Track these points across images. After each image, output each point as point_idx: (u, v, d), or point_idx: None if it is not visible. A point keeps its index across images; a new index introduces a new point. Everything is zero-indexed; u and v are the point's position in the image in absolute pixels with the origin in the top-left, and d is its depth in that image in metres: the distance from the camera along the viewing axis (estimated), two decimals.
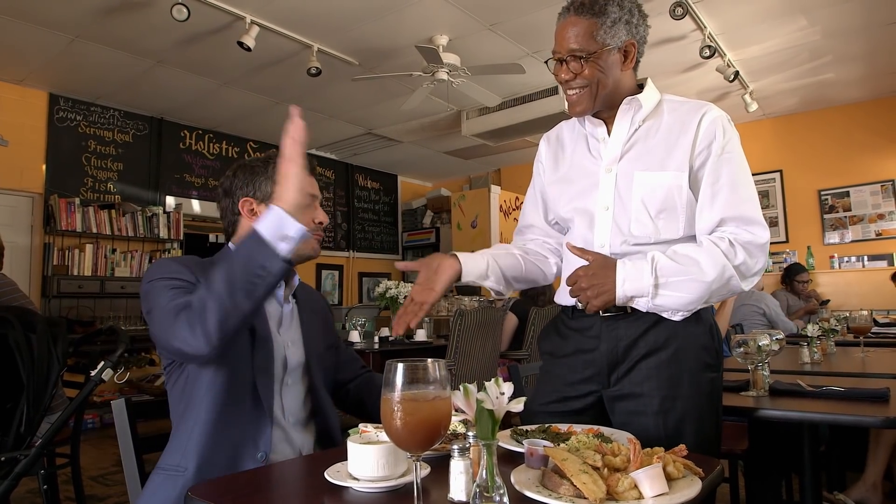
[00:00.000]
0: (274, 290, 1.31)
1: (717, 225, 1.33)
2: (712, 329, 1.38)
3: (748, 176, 1.37)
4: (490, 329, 4.14)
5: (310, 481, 1.03)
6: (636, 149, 1.39)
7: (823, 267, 6.15)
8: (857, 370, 2.29)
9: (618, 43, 1.34)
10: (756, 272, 1.31)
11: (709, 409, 1.33)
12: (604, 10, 1.32)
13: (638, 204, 1.36)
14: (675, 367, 1.31)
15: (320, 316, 1.54)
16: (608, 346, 1.36)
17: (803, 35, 4.68)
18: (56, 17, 4.18)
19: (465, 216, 7.79)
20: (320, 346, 1.47)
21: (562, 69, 1.37)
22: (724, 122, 1.37)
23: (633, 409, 1.32)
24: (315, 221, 1.41)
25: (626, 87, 1.41)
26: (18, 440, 2.05)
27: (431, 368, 0.79)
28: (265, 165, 1.41)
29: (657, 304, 1.29)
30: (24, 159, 5.36)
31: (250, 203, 1.40)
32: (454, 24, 4.37)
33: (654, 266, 1.28)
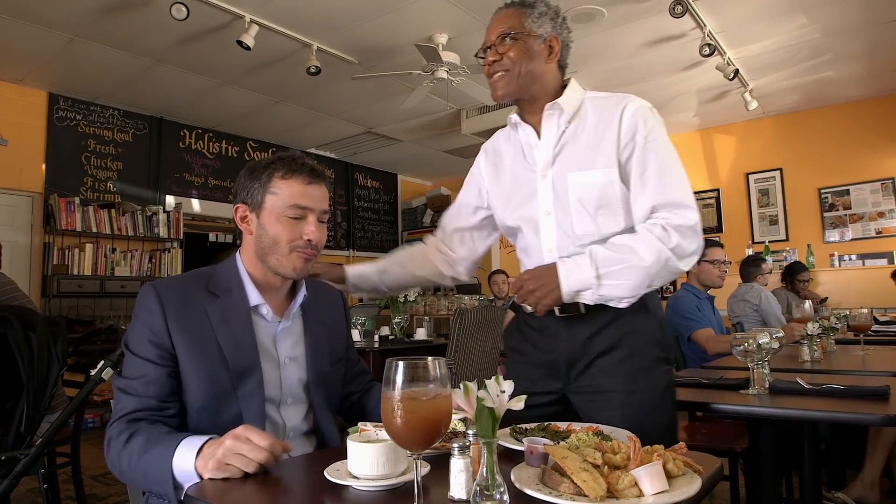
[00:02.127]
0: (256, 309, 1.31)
1: (651, 212, 1.37)
2: (662, 323, 1.44)
3: (675, 161, 1.41)
4: (490, 327, 4.14)
5: (309, 480, 1.03)
6: (566, 151, 1.45)
7: (823, 265, 6.15)
8: (857, 368, 2.29)
9: (544, 33, 1.44)
10: (691, 252, 1.37)
11: (666, 400, 1.40)
12: (532, 4, 1.44)
13: (576, 204, 1.41)
14: (631, 363, 1.38)
15: (329, 327, 1.44)
16: (566, 345, 1.42)
17: (803, 33, 4.68)
18: (55, 17, 4.18)
19: None
20: (325, 362, 1.38)
21: (490, 52, 1.45)
22: (645, 112, 1.41)
23: (597, 405, 1.38)
24: (303, 237, 1.29)
25: (549, 82, 1.47)
26: (18, 439, 2.06)
27: (431, 367, 0.79)
28: (261, 171, 1.31)
29: (602, 294, 1.35)
30: (24, 159, 5.36)
31: (243, 210, 1.33)
32: (454, 22, 4.37)
33: (594, 259, 1.34)
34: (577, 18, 4.31)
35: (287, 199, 1.28)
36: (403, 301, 4.50)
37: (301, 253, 1.30)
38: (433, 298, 6.88)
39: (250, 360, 1.25)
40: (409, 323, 5.12)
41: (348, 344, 1.52)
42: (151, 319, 1.22)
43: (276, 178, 1.29)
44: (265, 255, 1.30)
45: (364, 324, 4.49)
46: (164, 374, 1.20)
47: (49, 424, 1.97)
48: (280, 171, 1.29)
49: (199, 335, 1.23)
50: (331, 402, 1.39)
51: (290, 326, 1.36)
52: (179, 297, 1.25)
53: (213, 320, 1.25)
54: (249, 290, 1.32)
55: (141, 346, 1.21)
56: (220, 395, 1.22)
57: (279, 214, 1.28)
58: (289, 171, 1.29)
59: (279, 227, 1.28)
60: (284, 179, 1.29)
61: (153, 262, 5.91)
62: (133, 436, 1.12)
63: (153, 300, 1.23)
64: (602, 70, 5.32)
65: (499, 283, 5.83)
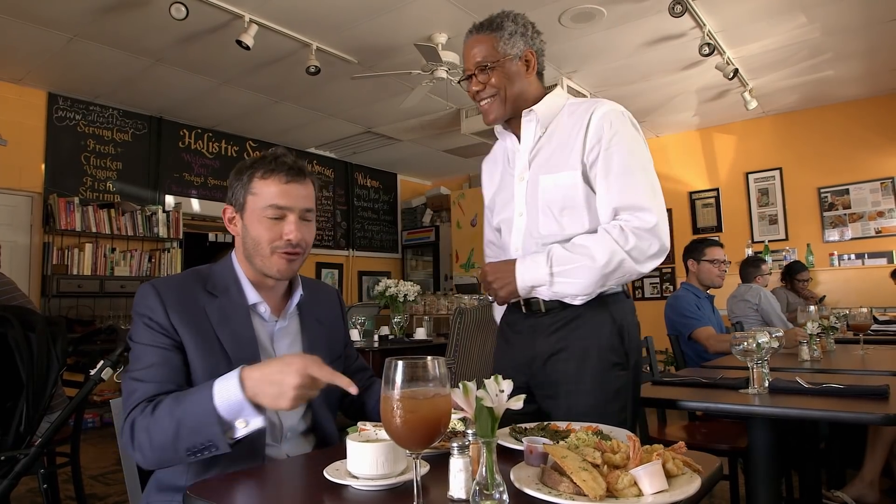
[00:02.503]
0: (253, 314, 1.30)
1: (613, 214, 1.41)
2: (622, 331, 1.47)
3: (639, 164, 1.44)
4: (490, 327, 4.14)
5: (309, 479, 1.03)
6: (540, 155, 1.52)
7: (823, 264, 6.15)
8: (857, 367, 2.29)
9: (517, 52, 1.49)
10: (651, 255, 1.40)
11: (614, 404, 1.44)
12: (501, 26, 1.49)
13: (543, 205, 1.48)
14: (580, 364, 1.44)
15: (326, 326, 1.44)
16: (529, 340, 1.50)
17: (803, 32, 4.68)
18: (54, 16, 4.17)
19: (464, 214, 7.78)
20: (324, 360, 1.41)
21: (472, 83, 1.51)
22: (612, 117, 1.44)
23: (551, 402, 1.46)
24: (283, 237, 1.27)
25: (532, 95, 1.54)
26: (18, 439, 2.05)
27: (431, 366, 0.79)
28: (244, 172, 1.30)
29: (555, 290, 1.42)
30: (24, 159, 5.35)
31: (230, 211, 1.34)
32: (453, 22, 4.37)
33: (549, 257, 1.40)
34: (577, 18, 4.31)
35: (266, 199, 1.27)
36: (403, 301, 4.50)
37: (282, 255, 1.28)
38: (433, 298, 6.88)
39: (252, 356, 1.24)
40: (409, 322, 5.12)
41: (346, 342, 1.53)
42: (153, 315, 1.21)
43: (256, 179, 1.29)
44: (250, 256, 1.31)
45: (364, 323, 4.49)
46: (178, 359, 1.19)
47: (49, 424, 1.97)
48: (260, 170, 1.29)
49: (200, 332, 1.22)
50: (330, 401, 1.39)
51: (286, 326, 1.36)
52: (179, 296, 1.24)
53: (212, 319, 1.25)
54: (247, 289, 1.32)
55: (148, 336, 1.20)
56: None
57: (259, 215, 1.28)
58: (267, 170, 1.28)
59: (260, 228, 1.28)
60: (263, 179, 1.28)
61: (153, 262, 5.91)
62: (156, 407, 1.10)
63: (153, 297, 1.23)
64: (602, 70, 5.32)
65: None
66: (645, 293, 7.45)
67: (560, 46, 4.82)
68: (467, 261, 7.73)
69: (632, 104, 6.21)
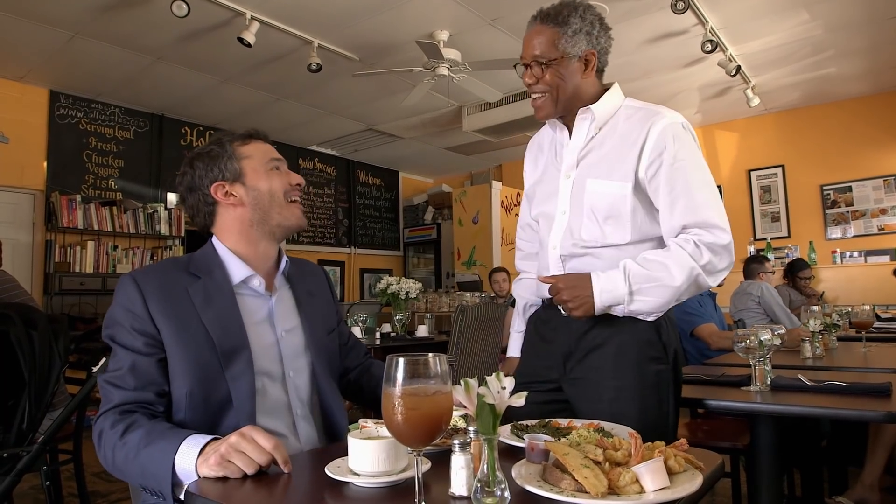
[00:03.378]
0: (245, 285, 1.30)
1: (681, 230, 1.39)
2: (660, 327, 1.44)
3: (705, 180, 1.42)
4: (491, 325, 4.14)
5: (310, 476, 1.03)
6: (590, 156, 1.48)
7: (825, 262, 6.14)
8: (859, 365, 2.28)
9: (578, 52, 1.44)
10: (721, 269, 1.39)
11: (653, 398, 1.41)
12: (566, 21, 1.43)
13: (588, 210, 1.45)
14: (620, 359, 1.41)
15: (319, 297, 1.45)
16: (564, 337, 1.47)
17: (805, 29, 4.67)
18: (56, 14, 4.17)
19: (466, 212, 7.78)
20: (321, 330, 1.40)
21: (526, 74, 1.48)
22: (674, 130, 1.40)
23: (587, 396, 1.42)
24: (292, 182, 1.36)
25: (588, 93, 1.48)
26: (20, 437, 2.06)
27: (432, 363, 0.79)
28: (218, 149, 1.33)
29: (632, 309, 1.38)
30: (26, 156, 5.36)
31: (223, 186, 1.32)
32: (455, 19, 4.36)
33: (627, 275, 1.36)
34: None
35: (262, 155, 1.35)
36: (405, 298, 4.50)
37: (296, 200, 1.36)
38: (434, 296, 6.88)
39: (238, 339, 1.23)
40: (411, 320, 5.12)
41: (339, 317, 1.52)
42: (132, 306, 1.19)
43: (238, 146, 1.34)
44: (267, 213, 1.32)
45: (365, 321, 4.49)
46: (153, 363, 1.17)
47: (51, 422, 1.98)
48: (236, 140, 1.35)
49: (182, 318, 1.20)
50: (332, 371, 1.40)
51: (281, 298, 1.36)
52: (159, 283, 1.23)
53: (195, 301, 1.23)
54: (233, 266, 1.30)
55: (126, 336, 1.18)
56: (209, 377, 1.19)
57: (265, 170, 1.33)
58: (241, 138, 1.36)
59: (271, 180, 1.33)
60: (245, 143, 1.35)
61: (155, 260, 5.92)
62: (130, 428, 1.10)
63: (132, 287, 1.21)
64: None
65: (499, 281, 5.82)
66: None
67: None
68: (469, 258, 7.73)
69: None
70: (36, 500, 3.16)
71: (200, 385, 1.18)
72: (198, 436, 1.05)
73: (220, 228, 1.35)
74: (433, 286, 8.38)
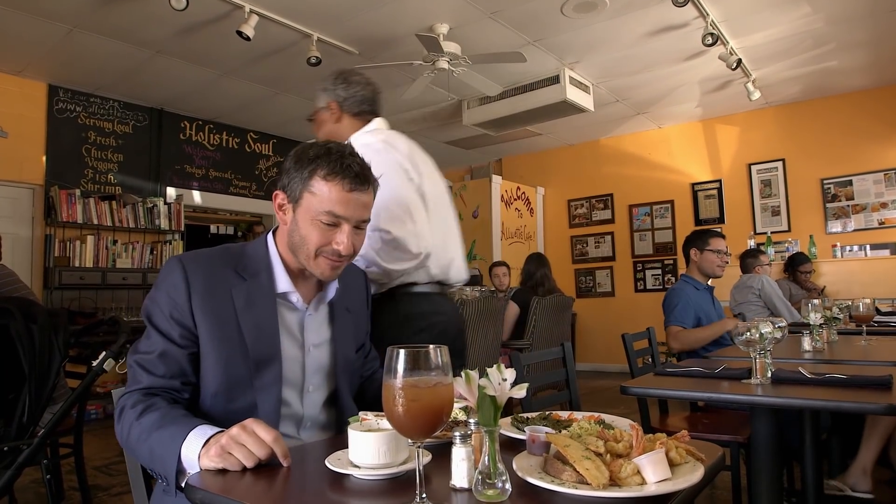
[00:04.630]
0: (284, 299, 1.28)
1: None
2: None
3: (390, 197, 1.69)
4: (491, 318, 4.14)
5: (310, 469, 1.03)
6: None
7: (826, 256, 6.14)
8: (860, 358, 2.28)
9: (321, 104, 1.94)
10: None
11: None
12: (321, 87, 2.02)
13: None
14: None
15: (354, 313, 1.42)
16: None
17: (807, 22, 4.65)
18: (54, 7, 4.16)
19: (466, 206, 7.77)
20: (350, 349, 1.38)
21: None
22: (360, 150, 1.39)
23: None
24: (332, 245, 1.22)
25: (343, 135, 1.89)
26: (21, 430, 2.06)
27: (433, 355, 0.79)
28: (306, 164, 1.22)
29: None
30: (24, 151, 5.35)
31: (282, 198, 1.26)
32: (455, 12, 4.34)
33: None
34: (579, 8, 4.28)
35: (324, 203, 1.20)
36: None
37: (328, 259, 1.24)
38: None
39: (271, 349, 1.22)
40: None
41: (367, 329, 1.51)
42: (175, 294, 1.18)
43: (318, 178, 1.20)
44: (295, 250, 1.26)
45: None
46: (184, 355, 1.18)
47: (51, 416, 1.98)
48: (323, 169, 1.20)
49: (221, 318, 1.19)
50: (353, 386, 1.40)
51: (316, 314, 1.33)
52: (205, 276, 1.21)
53: (237, 304, 1.21)
54: (279, 275, 1.28)
55: (163, 322, 1.18)
56: (236, 383, 1.19)
57: (313, 217, 1.21)
58: (331, 172, 1.20)
59: (311, 230, 1.22)
60: (326, 181, 1.20)
61: (154, 254, 5.91)
62: (148, 409, 1.10)
63: (178, 275, 1.19)
64: (604, 60, 5.29)
65: (500, 275, 5.82)
66: (647, 285, 7.45)
67: (562, 37, 4.79)
68: (469, 252, 7.73)
69: (634, 95, 6.19)
70: (37, 493, 3.16)
71: (226, 389, 1.19)
72: (206, 427, 1.05)
73: (278, 230, 1.32)
74: None
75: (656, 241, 7.42)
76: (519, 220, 7.91)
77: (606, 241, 7.80)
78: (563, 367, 2.13)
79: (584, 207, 8.01)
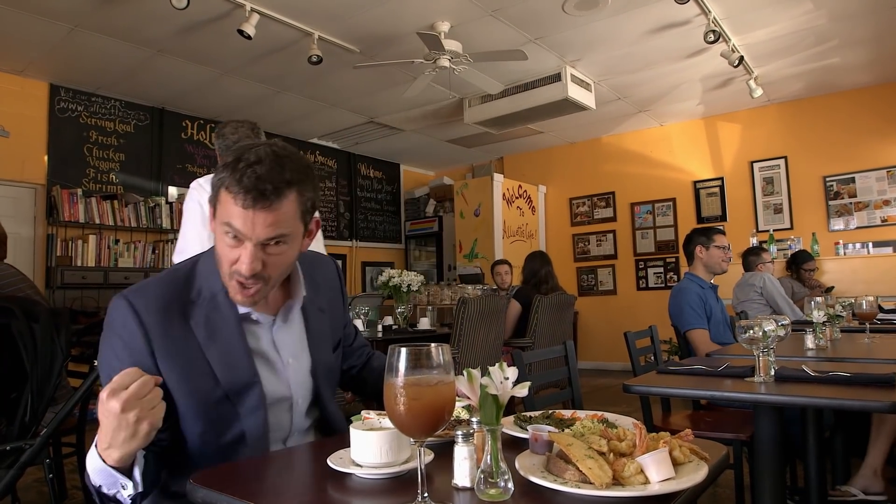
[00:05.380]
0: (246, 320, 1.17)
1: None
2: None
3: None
4: (493, 317, 4.13)
5: (312, 468, 1.03)
6: None
7: (828, 253, 6.13)
8: (863, 356, 2.27)
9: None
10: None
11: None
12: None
13: None
14: None
15: (328, 312, 1.34)
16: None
17: (809, 19, 4.63)
18: (55, 7, 4.15)
19: (467, 205, 7.77)
20: (328, 351, 1.31)
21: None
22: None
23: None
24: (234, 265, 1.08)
25: None
26: (23, 430, 2.06)
27: (435, 353, 0.79)
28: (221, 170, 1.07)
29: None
30: (26, 150, 5.35)
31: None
32: (456, 10, 4.33)
33: None
34: (581, 5, 4.27)
35: (224, 215, 1.06)
36: (406, 291, 4.50)
37: (236, 282, 1.09)
38: (436, 288, 6.88)
39: (246, 375, 1.13)
40: (413, 313, 5.12)
41: (345, 321, 1.44)
42: (132, 341, 1.07)
43: (223, 188, 1.06)
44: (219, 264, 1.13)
45: (367, 314, 4.49)
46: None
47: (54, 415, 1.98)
48: (227, 179, 1.05)
49: (186, 357, 1.09)
50: (334, 386, 1.36)
51: (287, 325, 1.24)
52: (160, 314, 1.09)
53: (199, 336, 1.11)
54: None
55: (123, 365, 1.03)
56: (221, 416, 1.11)
57: (220, 230, 1.09)
58: (232, 183, 1.04)
59: (220, 244, 1.10)
60: (228, 191, 1.05)
61: (156, 254, 5.92)
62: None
63: (131, 320, 1.07)
64: (605, 58, 5.28)
65: (501, 274, 5.81)
66: (649, 283, 7.44)
67: (563, 34, 4.78)
68: (470, 251, 7.72)
69: (636, 92, 6.18)
70: (40, 492, 3.17)
71: (212, 426, 1.11)
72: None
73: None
74: (435, 279, 8.39)
75: (658, 239, 7.41)
76: (520, 218, 7.90)
77: (608, 239, 7.80)
78: (566, 365, 2.12)
79: (586, 205, 8.00)
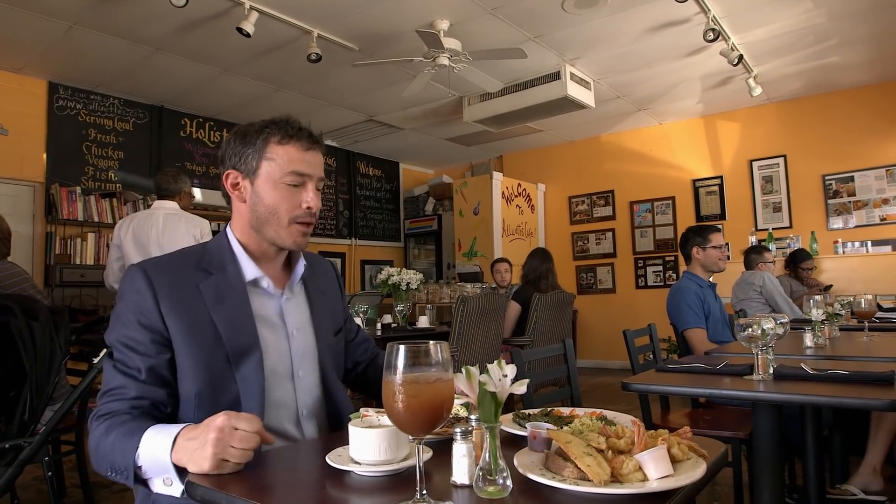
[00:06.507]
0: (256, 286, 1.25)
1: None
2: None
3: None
4: (493, 315, 4.14)
5: (311, 466, 1.03)
6: None
7: (827, 252, 6.13)
8: (862, 354, 2.27)
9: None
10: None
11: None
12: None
13: None
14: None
15: (328, 296, 1.41)
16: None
17: (808, 18, 4.63)
18: (54, 5, 4.15)
19: (467, 203, 7.77)
20: (330, 331, 1.37)
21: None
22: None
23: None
24: (302, 205, 1.23)
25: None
26: (22, 428, 2.06)
27: (433, 351, 0.79)
28: (255, 136, 1.23)
29: None
30: (25, 148, 5.35)
31: (234, 176, 1.25)
32: (455, 8, 4.33)
33: None
34: (580, 3, 4.27)
35: (285, 165, 1.22)
36: (406, 289, 4.50)
37: (300, 226, 1.24)
38: (435, 286, 6.89)
39: (248, 339, 1.19)
40: (412, 311, 5.12)
41: (346, 315, 1.49)
42: (141, 301, 1.15)
43: (273, 144, 1.22)
44: (261, 225, 1.24)
45: (366, 312, 4.49)
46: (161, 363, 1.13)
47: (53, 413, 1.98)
48: (276, 135, 1.22)
49: (193, 317, 1.16)
50: (338, 369, 1.38)
51: (293, 297, 1.32)
52: (170, 277, 1.18)
53: (207, 299, 1.18)
54: (245, 264, 1.25)
55: (133, 334, 1.14)
56: (218, 378, 1.16)
57: (276, 181, 1.22)
58: (286, 135, 1.23)
59: (276, 196, 1.22)
60: (282, 145, 1.22)
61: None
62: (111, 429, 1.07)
63: (141, 281, 1.16)
64: (605, 56, 5.28)
65: (501, 272, 5.81)
66: (648, 281, 7.45)
67: (563, 33, 4.77)
68: (470, 249, 7.72)
69: (635, 91, 6.18)
70: (38, 490, 3.17)
71: (210, 386, 1.15)
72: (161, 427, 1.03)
73: (233, 217, 1.31)
74: (434, 277, 8.38)
75: (657, 237, 7.41)
76: (520, 216, 7.90)
77: (607, 237, 7.80)
78: (565, 363, 2.13)
79: (585, 204, 8.00)
